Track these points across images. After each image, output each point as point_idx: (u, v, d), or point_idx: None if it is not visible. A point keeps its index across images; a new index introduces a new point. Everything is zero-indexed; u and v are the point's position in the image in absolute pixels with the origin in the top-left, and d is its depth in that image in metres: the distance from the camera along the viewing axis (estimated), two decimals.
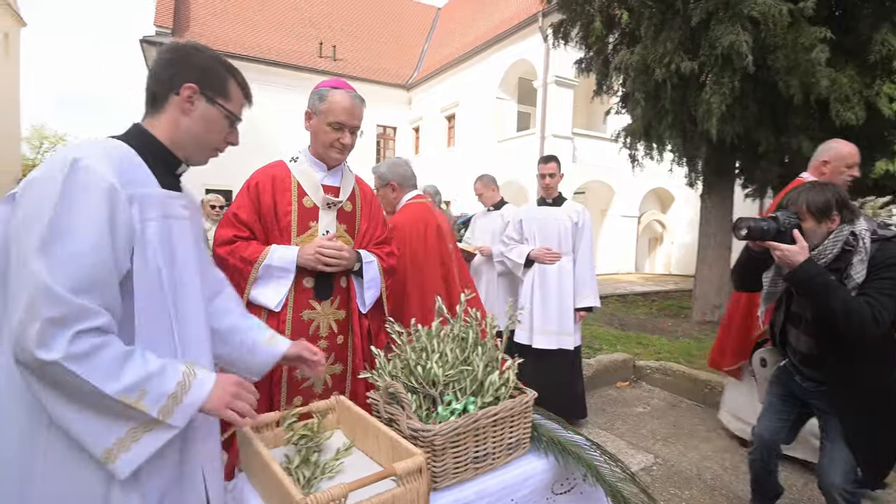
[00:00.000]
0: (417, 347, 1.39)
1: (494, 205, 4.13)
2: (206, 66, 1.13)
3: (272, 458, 1.11)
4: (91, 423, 0.91)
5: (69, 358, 0.85)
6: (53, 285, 0.85)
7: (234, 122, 1.18)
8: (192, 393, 0.98)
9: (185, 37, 16.82)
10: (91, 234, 0.90)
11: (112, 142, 1.05)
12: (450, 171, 16.93)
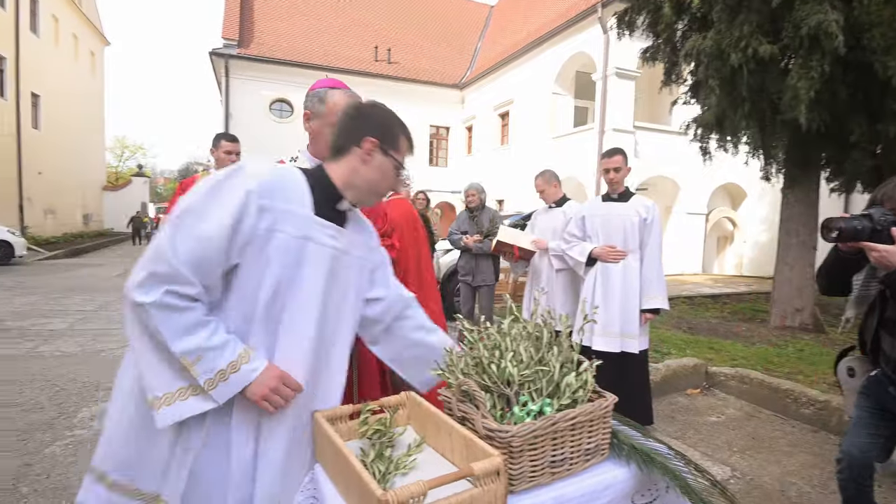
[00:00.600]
0: (489, 345, 1.35)
1: (556, 201, 4.01)
2: (385, 122, 1.30)
3: (350, 452, 1.10)
4: (153, 368, 1.07)
5: (154, 306, 1.03)
6: (168, 249, 1.05)
7: (401, 169, 1.34)
8: (239, 375, 1.10)
9: (249, 47, 17.68)
10: (215, 225, 1.08)
11: (288, 168, 1.27)
12: (503, 170, 16.79)
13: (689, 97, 7.02)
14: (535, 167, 15.14)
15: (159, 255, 1.05)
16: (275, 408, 1.16)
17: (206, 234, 1.07)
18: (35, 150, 19.13)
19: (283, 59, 17.68)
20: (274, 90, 17.62)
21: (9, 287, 8.89)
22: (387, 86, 19.05)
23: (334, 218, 1.28)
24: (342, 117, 1.32)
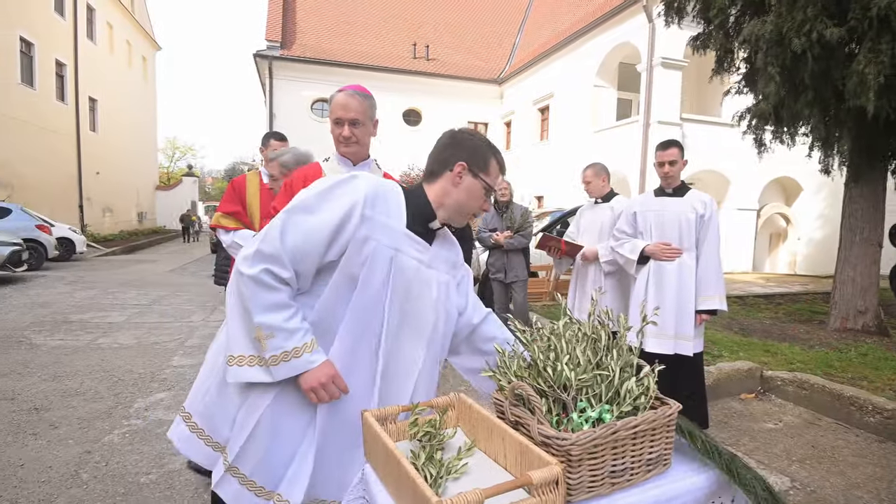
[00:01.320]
0: (543, 347, 1.29)
1: (603, 197, 3.86)
2: (475, 147, 1.40)
3: (402, 454, 1.08)
4: (236, 330, 1.26)
5: (252, 279, 1.20)
6: (277, 235, 1.22)
7: (490, 191, 1.44)
8: (299, 361, 1.23)
9: (291, 49, 18.09)
10: (322, 223, 1.25)
11: (392, 183, 1.42)
12: (542, 166, 16.53)
13: (743, 86, 6.66)
14: (576, 162, 14.84)
15: (269, 238, 1.22)
16: (318, 400, 1.28)
17: (312, 229, 1.24)
18: (93, 151, 20.25)
19: (323, 59, 17.99)
20: (315, 90, 17.96)
21: (71, 282, 9.44)
22: (424, 83, 19.10)
23: (423, 234, 1.40)
24: (438, 143, 1.45)
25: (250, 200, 3.10)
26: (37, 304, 7.09)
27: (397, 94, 18.66)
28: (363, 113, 1.94)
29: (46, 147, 17.05)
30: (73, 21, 19.11)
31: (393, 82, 18.52)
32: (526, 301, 4.85)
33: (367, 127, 1.98)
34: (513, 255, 4.67)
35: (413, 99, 19.17)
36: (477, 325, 1.58)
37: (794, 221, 14.06)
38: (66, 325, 5.87)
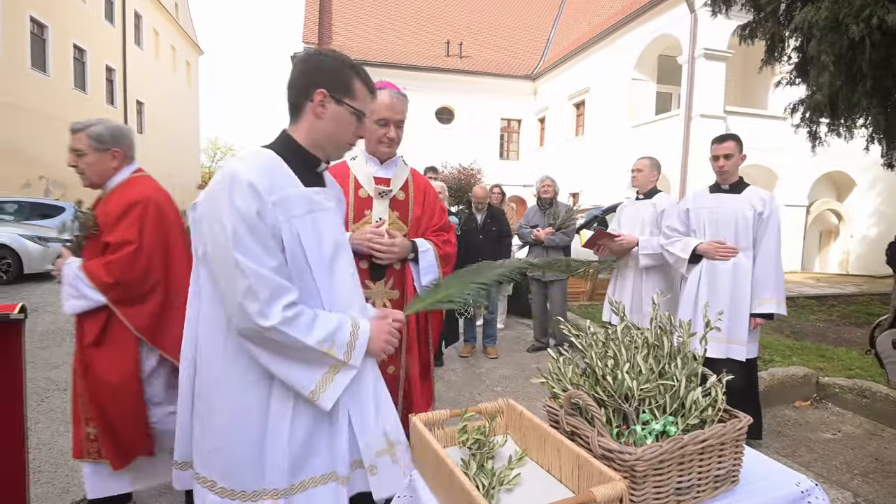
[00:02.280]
0: (600, 353, 1.23)
1: (646, 193, 3.72)
2: (333, 69, 1.26)
3: (455, 464, 1.03)
4: (298, 370, 1.18)
5: (282, 323, 1.12)
6: (255, 276, 1.10)
7: (361, 117, 1.30)
8: (360, 340, 1.26)
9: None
10: (255, 232, 1.14)
11: (263, 153, 1.25)
12: (578, 162, 16.20)
13: (795, 77, 6.32)
14: (613, 158, 14.51)
15: (260, 284, 1.11)
16: (391, 351, 1.38)
17: (261, 247, 1.14)
18: (140, 152, 20.89)
19: (358, 59, 18.09)
20: None
21: None
22: (457, 80, 19.02)
23: (317, 181, 1.34)
24: (291, 73, 1.28)
25: None
26: None
27: (430, 92, 18.66)
28: (405, 113, 1.98)
29: None
30: (122, 28, 19.96)
31: (426, 80, 18.53)
32: (565, 301, 4.73)
33: (402, 127, 2.02)
34: (553, 252, 4.57)
35: (446, 97, 19.13)
36: None
37: (846, 218, 13.31)
38: None
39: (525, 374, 4.20)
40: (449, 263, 2.08)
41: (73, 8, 16.78)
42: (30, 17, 14.59)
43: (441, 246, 2.05)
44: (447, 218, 2.20)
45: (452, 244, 2.12)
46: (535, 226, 4.66)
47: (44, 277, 8.85)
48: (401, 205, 2.04)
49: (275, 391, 1.20)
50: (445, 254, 2.05)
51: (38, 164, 14.81)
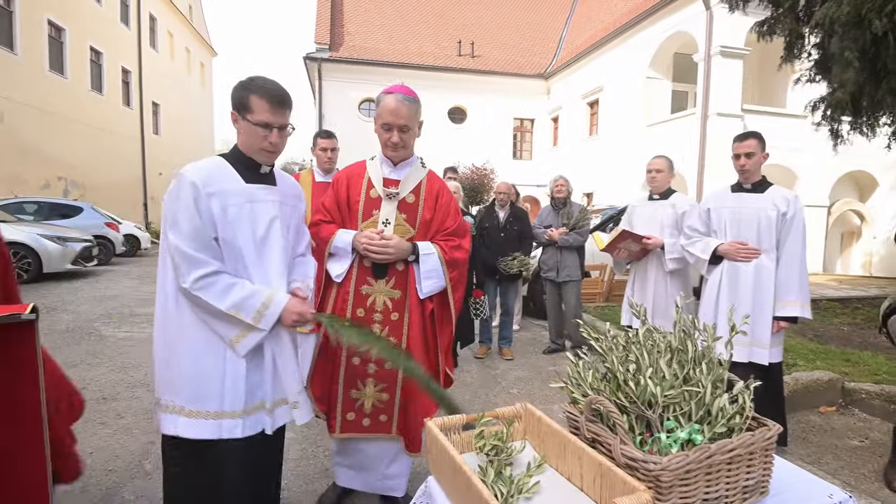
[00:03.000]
0: (620, 357, 1.18)
1: (661, 193, 3.63)
2: (235, 92, 1.57)
3: (472, 471, 1.00)
4: (219, 324, 1.54)
5: (194, 287, 1.48)
6: (180, 250, 1.47)
7: (266, 126, 1.56)
8: (271, 310, 1.56)
9: (339, 50, 18.42)
10: (188, 220, 1.49)
11: (213, 158, 1.63)
12: (591, 162, 16.07)
13: (815, 74, 6.18)
14: (627, 157, 14.34)
15: (180, 257, 1.48)
16: (300, 329, 1.69)
17: (190, 229, 1.48)
18: (156, 153, 21.40)
19: (370, 59, 18.22)
20: (362, 90, 18.22)
21: (136, 276, 9.98)
22: (470, 80, 18.99)
23: (264, 180, 1.67)
24: None
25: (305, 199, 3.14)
26: (105, 298, 7.52)
27: (442, 92, 18.65)
28: (411, 118, 1.97)
29: (114, 150, 18.14)
30: (137, 30, 20.24)
31: (438, 80, 18.53)
32: (580, 302, 4.67)
33: (414, 130, 2.01)
34: (567, 253, 4.51)
35: (458, 96, 19.10)
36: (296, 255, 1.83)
37: (869, 219, 13.01)
38: (133, 318, 6.18)
39: (541, 377, 4.15)
40: (457, 268, 2.06)
41: (90, 11, 17.06)
42: (47, 21, 14.85)
43: (448, 251, 2.03)
44: (462, 222, 2.16)
45: (464, 249, 2.09)
46: (548, 226, 4.60)
47: (63, 276, 9.00)
48: (410, 207, 2.04)
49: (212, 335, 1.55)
50: (452, 259, 2.03)
51: (57, 165, 15.08)
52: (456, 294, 2.08)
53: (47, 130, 14.53)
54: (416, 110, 1.97)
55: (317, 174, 3.20)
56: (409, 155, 2.07)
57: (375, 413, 2.04)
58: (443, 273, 2.01)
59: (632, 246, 3.51)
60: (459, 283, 2.10)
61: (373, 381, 2.03)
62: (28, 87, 13.82)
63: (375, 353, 1.68)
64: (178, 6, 24.42)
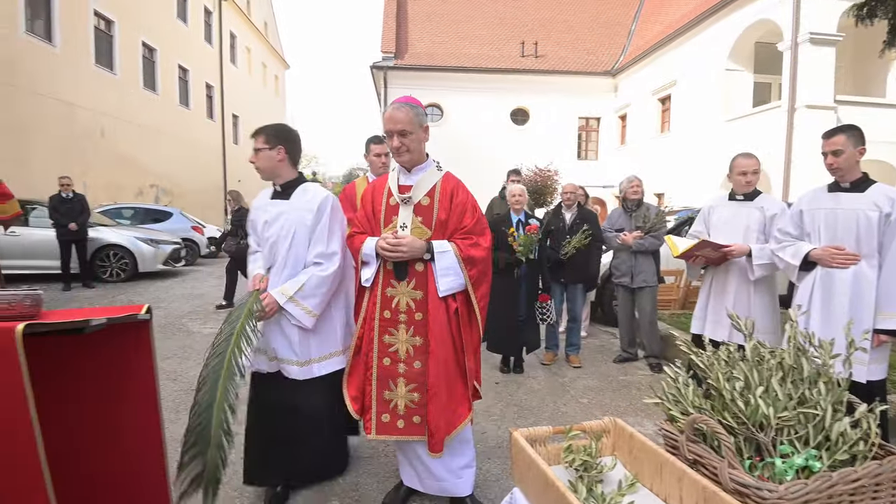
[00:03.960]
0: (725, 373, 1.11)
1: (747, 194, 3.34)
2: None
3: (566, 488, 0.97)
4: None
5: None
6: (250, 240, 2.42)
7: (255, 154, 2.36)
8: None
9: (404, 58, 18.82)
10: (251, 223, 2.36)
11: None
12: (663, 161, 15.35)
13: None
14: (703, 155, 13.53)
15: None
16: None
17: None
18: (235, 162, 22.87)
19: (432, 65, 18.47)
20: (426, 96, 18.50)
21: (220, 276, 10.66)
22: (532, 81, 18.75)
23: (279, 196, 2.31)
24: None
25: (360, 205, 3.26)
26: (193, 296, 8.10)
27: (504, 94, 18.55)
28: (410, 122, 2.02)
29: (198, 159, 19.58)
30: (220, 48, 21.74)
31: (500, 83, 18.46)
32: (655, 310, 4.44)
33: (418, 134, 2.06)
34: (642, 257, 4.30)
35: (520, 98, 18.92)
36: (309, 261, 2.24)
37: None
38: (217, 315, 6.61)
39: (612, 387, 4.00)
40: (476, 265, 2.08)
41: (178, 31, 18.52)
42: (142, 42, 16.29)
43: (465, 248, 2.06)
44: (480, 219, 2.18)
45: (482, 247, 2.11)
46: (620, 229, 4.41)
47: (155, 276, 9.80)
48: (425, 210, 2.10)
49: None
50: (469, 256, 2.05)
51: (150, 174, 16.48)
52: (478, 292, 2.12)
53: (141, 142, 15.91)
54: (413, 114, 2.03)
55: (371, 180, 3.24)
56: (419, 159, 2.13)
57: (409, 414, 2.08)
58: (461, 270, 2.04)
59: (711, 252, 3.28)
60: (481, 281, 2.13)
61: (403, 381, 2.07)
62: (125, 104, 15.20)
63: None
64: (255, 23, 25.98)
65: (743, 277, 3.23)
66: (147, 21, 16.40)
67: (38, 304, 1.19)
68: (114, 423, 1.36)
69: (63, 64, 12.55)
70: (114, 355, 1.28)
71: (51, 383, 1.00)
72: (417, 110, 2.06)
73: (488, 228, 2.19)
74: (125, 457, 1.38)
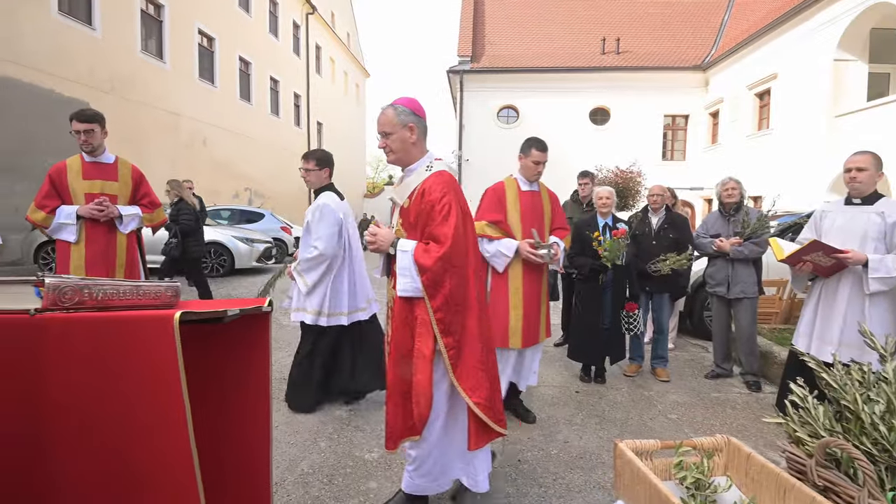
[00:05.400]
0: (861, 393, 1.00)
1: (865, 197, 2.98)
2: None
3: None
4: None
5: None
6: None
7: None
8: None
9: (480, 61, 18.91)
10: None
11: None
12: (760, 161, 14.20)
13: None
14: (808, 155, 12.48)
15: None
16: None
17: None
18: None
19: (508, 67, 18.40)
20: (501, 98, 18.49)
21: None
22: (613, 78, 18.11)
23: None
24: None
25: (509, 208, 3.12)
26: (280, 291, 8.66)
27: (584, 93, 18.07)
28: (390, 123, 2.03)
29: (286, 164, 20.90)
30: (306, 59, 23.10)
31: (579, 82, 18.00)
32: (754, 323, 4.10)
33: (400, 134, 2.04)
34: (741, 266, 3.98)
35: (600, 97, 18.33)
36: None
37: None
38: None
39: (704, 403, 3.74)
40: (425, 273, 1.91)
41: (270, 45, 19.93)
42: (238, 57, 17.70)
43: (416, 253, 1.95)
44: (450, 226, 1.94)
45: (432, 255, 1.91)
46: (715, 235, 4.11)
47: (249, 272, 10.58)
48: (405, 212, 2.11)
49: None
50: (418, 261, 1.93)
51: (244, 178, 17.84)
52: (434, 302, 1.91)
53: (237, 149, 17.28)
54: (394, 114, 2.02)
55: (522, 183, 3.20)
56: (407, 159, 2.10)
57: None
58: (416, 274, 1.93)
59: (822, 259, 2.96)
60: (437, 291, 1.91)
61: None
62: (223, 114, 16.59)
63: None
64: (338, 34, 27.33)
65: (857, 290, 2.91)
66: (243, 37, 17.83)
67: (177, 295, 1.34)
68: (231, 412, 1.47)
69: (171, 79, 13.95)
70: (237, 345, 1.41)
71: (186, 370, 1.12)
72: (399, 110, 2.03)
73: (451, 237, 1.92)
74: (237, 446, 1.48)
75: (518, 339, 3.08)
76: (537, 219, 3.18)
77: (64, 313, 1.08)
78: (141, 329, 1.06)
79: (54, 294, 1.07)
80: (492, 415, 1.96)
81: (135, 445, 1.14)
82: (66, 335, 1.08)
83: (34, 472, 1.18)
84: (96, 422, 1.14)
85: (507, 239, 3.05)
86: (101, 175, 3.28)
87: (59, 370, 1.10)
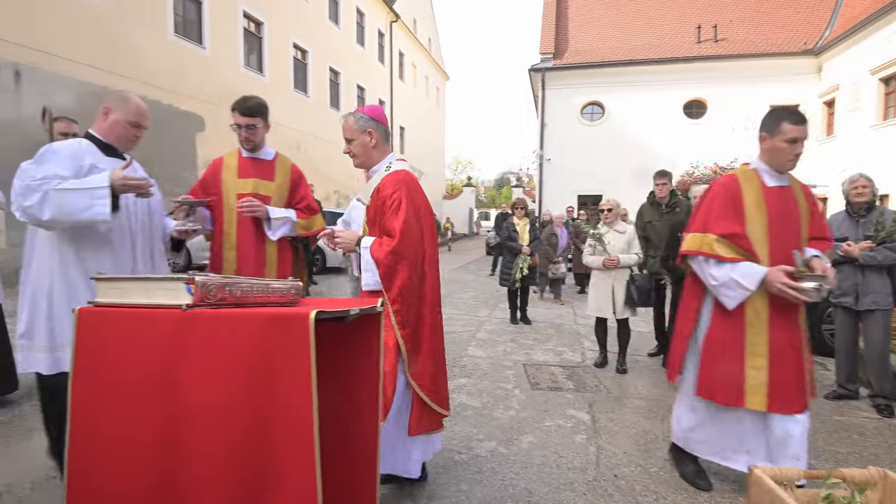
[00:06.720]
0: None
1: None
2: None
3: None
4: None
5: None
6: None
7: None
8: None
9: (563, 57, 18.46)
10: None
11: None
12: (886, 154, 12.55)
13: None
14: None
15: None
16: None
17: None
18: None
19: (592, 62, 17.77)
20: (585, 94, 17.91)
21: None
22: (710, 68, 16.85)
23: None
24: None
25: (749, 213, 2.21)
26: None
27: (676, 85, 16.98)
28: (350, 129, 2.22)
29: None
30: (390, 66, 23.91)
31: (671, 73, 16.96)
32: (888, 339, 3.61)
33: (360, 139, 2.21)
34: (871, 273, 3.53)
35: (695, 89, 17.12)
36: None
37: None
38: None
39: (826, 428, 3.34)
40: (379, 266, 2.02)
41: (357, 54, 20.87)
42: (329, 67, 18.70)
43: (375, 247, 2.05)
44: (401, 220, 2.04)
45: (384, 250, 2.01)
46: (843, 238, 3.67)
47: (339, 270, 11.16)
48: (367, 210, 2.24)
49: None
50: (375, 257, 2.03)
51: (332, 182, 18.82)
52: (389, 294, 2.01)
53: (326, 154, 18.26)
54: (353, 121, 2.20)
55: (766, 176, 3.05)
56: (369, 162, 2.26)
57: None
58: (374, 267, 2.03)
59: None
60: (390, 282, 2.01)
61: None
62: (314, 121, 17.61)
63: None
64: (420, 40, 27.98)
65: None
66: (333, 48, 18.84)
67: (300, 294, 1.43)
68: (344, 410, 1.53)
69: (270, 90, 15.04)
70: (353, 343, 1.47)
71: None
72: (358, 117, 2.21)
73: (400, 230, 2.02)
74: (349, 446, 1.53)
75: (761, 398, 2.18)
76: (792, 228, 2.20)
77: (211, 309, 1.19)
78: (278, 325, 1.14)
79: (202, 290, 1.18)
80: (435, 397, 2.13)
81: (261, 444, 1.16)
82: (212, 330, 1.18)
83: (171, 477, 1.22)
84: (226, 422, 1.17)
85: (747, 263, 2.13)
86: (258, 173, 2.78)
87: (200, 366, 1.18)
